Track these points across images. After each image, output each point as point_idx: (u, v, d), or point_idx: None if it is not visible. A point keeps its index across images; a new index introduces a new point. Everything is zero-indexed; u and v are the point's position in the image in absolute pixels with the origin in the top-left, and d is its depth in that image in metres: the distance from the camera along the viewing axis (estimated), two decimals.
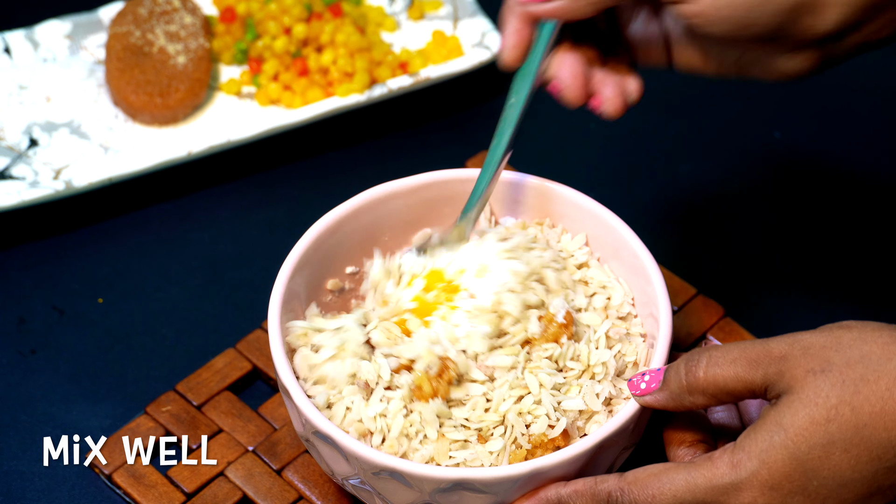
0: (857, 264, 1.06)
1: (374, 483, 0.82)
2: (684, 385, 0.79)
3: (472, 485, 0.80)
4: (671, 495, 0.76)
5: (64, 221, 1.09)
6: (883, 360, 0.74)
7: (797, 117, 1.16)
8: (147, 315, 1.04)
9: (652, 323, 0.87)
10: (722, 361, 0.78)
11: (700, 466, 0.76)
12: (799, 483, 0.74)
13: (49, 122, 1.12)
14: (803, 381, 0.74)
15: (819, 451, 0.73)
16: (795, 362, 0.75)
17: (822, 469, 0.73)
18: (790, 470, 0.74)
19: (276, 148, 1.13)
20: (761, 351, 0.77)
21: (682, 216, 1.10)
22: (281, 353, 0.85)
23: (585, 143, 1.15)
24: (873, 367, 0.73)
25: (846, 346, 0.75)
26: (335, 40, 1.14)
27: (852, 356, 0.74)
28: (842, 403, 0.73)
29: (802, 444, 0.73)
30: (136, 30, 1.13)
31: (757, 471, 0.74)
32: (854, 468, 0.73)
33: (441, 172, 0.93)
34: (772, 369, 0.76)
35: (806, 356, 0.75)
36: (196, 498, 0.92)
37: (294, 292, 0.89)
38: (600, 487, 0.79)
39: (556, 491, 0.80)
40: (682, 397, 0.79)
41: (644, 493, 0.77)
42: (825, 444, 0.73)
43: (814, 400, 0.74)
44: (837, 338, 0.75)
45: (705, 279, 1.04)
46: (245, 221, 1.10)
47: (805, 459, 0.73)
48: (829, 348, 0.75)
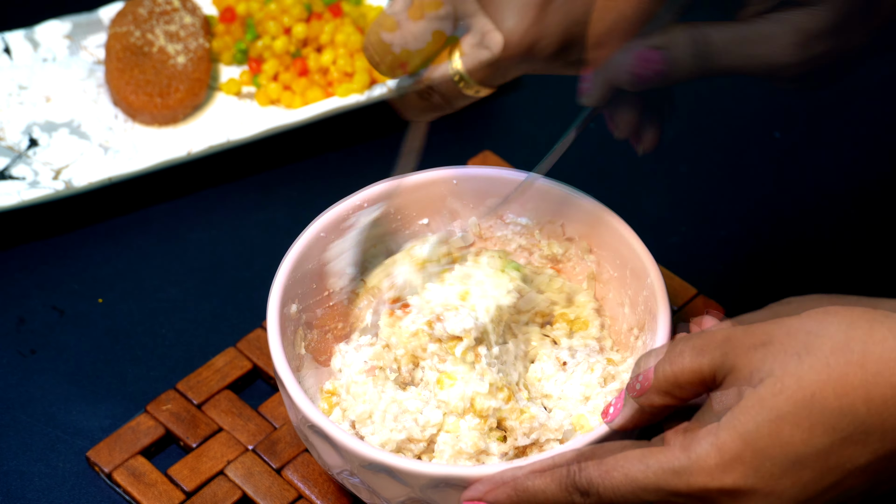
0: (857, 264, 1.06)
1: (365, 477, 0.83)
2: (637, 389, 0.77)
3: (461, 482, 0.80)
4: (623, 474, 0.74)
5: (64, 221, 1.09)
6: (823, 324, 0.71)
7: (797, 117, 1.16)
8: (147, 315, 1.04)
9: (651, 323, 0.87)
10: (670, 356, 0.75)
11: (654, 447, 0.74)
12: (750, 463, 0.71)
13: (49, 122, 1.12)
14: (745, 357, 0.72)
15: (767, 427, 0.70)
16: (737, 342, 0.73)
17: (772, 447, 0.70)
18: (740, 450, 0.71)
19: (276, 148, 1.13)
20: (705, 338, 0.74)
21: (682, 216, 1.10)
22: (278, 345, 0.85)
23: (585, 143, 1.15)
24: (814, 334, 0.71)
25: (786, 317, 0.72)
26: (335, 40, 1.14)
27: (792, 327, 0.71)
28: (786, 375, 0.70)
29: (749, 423, 0.71)
30: (135, 30, 1.13)
31: (707, 453, 0.72)
32: (807, 442, 0.70)
33: (449, 168, 0.93)
34: (717, 353, 0.73)
35: (747, 334, 0.73)
36: (196, 497, 0.92)
37: (294, 290, 0.89)
38: (558, 464, 0.77)
39: (512, 474, 0.79)
40: (640, 403, 0.77)
41: (599, 469, 0.75)
42: (773, 420, 0.70)
43: (756, 375, 0.71)
44: (777, 312, 0.73)
45: (705, 279, 1.03)
46: (245, 221, 1.10)
47: (754, 438, 0.71)
48: (771, 323, 0.72)
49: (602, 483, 0.75)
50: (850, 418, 0.70)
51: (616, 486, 0.75)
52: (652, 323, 0.87)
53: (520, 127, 1.16)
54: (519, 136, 1.15)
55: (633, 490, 0.74)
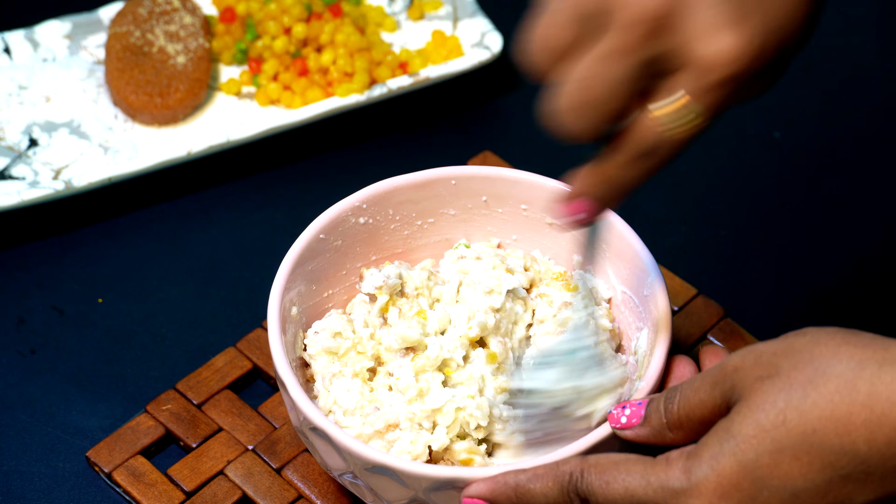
0: (857, 264, 1.06)
1: (366, 479, 0.83)
2: (664, 422, 0.77)
3: (465, 484, 0.80)
4: (624, 487, 0.74)
5: (64, 221, 1.09)
6: (833, 362, 0.70)
7: (797, 117, 1.16)
8: (147, 315, 1.04)
9: (652, 323, 0.87)
10: (689, 392, 0.76)
11: (657, 465, 0.74)
12: (748, 492, 0.71)
13: (49, 122, 1.12)
14: (751, 388, 0.72)
15: (767, 458, 0.70)
16: (746, 372, 0.73)
17: (771, 478, 0.71)
18: (739, 478, 0.71)
19: (276, 148, 1.13)
20: (718, 371, 0.74)
21: (682, 216, 1.10)
22: (279, 346, 0.85)
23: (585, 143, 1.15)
24: (822, 370, 0.70)
25: (797, 350, 0.72)
26: (335, 40, 1.14)
27: (801, 360, 0.71)
28: (789, 408, 0.70)
29: (750, 452, 0.71)
30: (135, 30, 1.13)
31: (706, 478, 0.72)
32: (805, 476, 0.70)
33: (449, 168, 0.93)
34: (727, 384, 0.74)
35: (757, 365, 0.73)
36: (196, 497, 0.92)
37: (294, 291, 0.89)
38: (561, 469, 0.77)
39: (514, 477, 0.79)
40: (663, 434, 0.77)
41: (601, 478, 0.75)
42: (773, 451, 0.70)
43: (761, 406, 0.71)
44: (790, 344, 0.73)
45: (705, 279, 1.03)
46: (244, 221, 1.10)
47: (754, 468, 0.71)
48: (780, 354, 0.72)
49: (602, 492, 0.75)
50: (850, 457, 0.70)
51: (615, 498, 0.75)
52: (652, 323, 0.87)
53: (520, 127, 1.16)
54: (519, 136, 1.15)
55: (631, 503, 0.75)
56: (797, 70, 1.19)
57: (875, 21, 1.23)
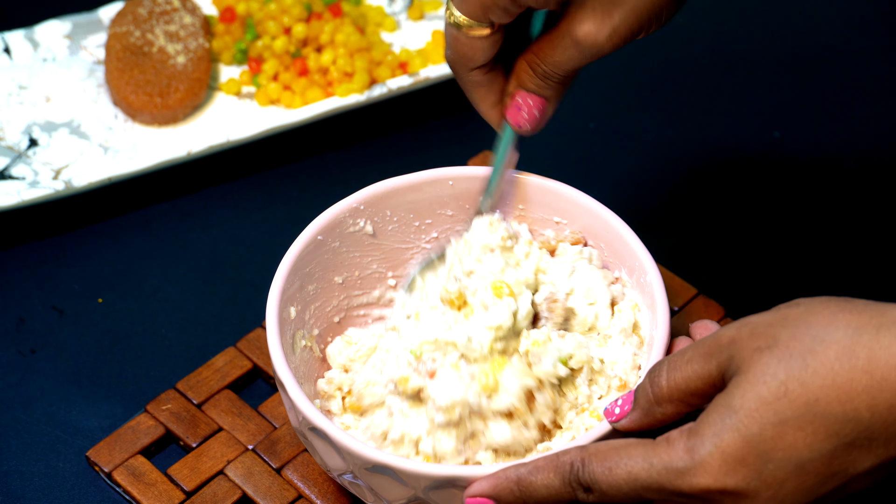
0: (857, 264, 1.06)
1: (367, 478, 0.83)
2: (651, 398, 0.77)
3: (465, 483, 0.80)
4: (626, 471, 0.74)
5: (64, 221, 1.09)
6: (830, 329, 0.70)
7: (797, 117, 1.16)
8: (147, 315, 1.04)
9: (651, 324, 0.87)
10: (679, 364, 0.75)
11: (658, 446, 0.74)
12: (754, 466, 0.71)
13: (49, 122, 1.12)
14: (750, 360, 0.72)
15: (771, 430, 0.70)
16: (743, 344, 0.72)
17: (776, 450, 0.70)
18: (743, 453, 0.71)
19: (276, 148, 1.13)
20: (712, 342, 0.74)
21: (682, 216, 1.10)
22: (278, 347, 0.85)
23: (585, 143, 1.15)
24: (820, 338, 0.70)
25: (793, 320, 0.72)
26: (335, 40, 1.14)
27: (798, 329, 0.71)
28: (790, 378, 0.70)
29: (753, 425, 0.71)
30: (135, 30, 1.13)
31: (710, 454, 0.72)
32: (810, 447, 0.70)
33: (446, 169, 0.93)
34: (723, 356, 0.73)
35: (753, 336, 0.72)
36: (196, 496, 0.92)
37: (292, 293, 0.89)
38: (562, 459, 0.77)
39: (515, 471, 0.78)
40: (652, 411, 0.77)
41: (602, 465, 0.75)
42: (777, 423, 0.70)
43: (761, 378, 0.71)
44: (785, 315, 0.73)
45: (705, 279, 1.03)
46: (245, 221, 1.10)
47: (758, 441, 0.70)
48: (776, 325, 0.72)
49: (605, 479, 0.75)
50: (853, 424, 0.70)
51: (619, 484, 0.74)
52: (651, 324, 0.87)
53: None
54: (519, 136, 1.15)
55: (636, 488, 0.74)
56: (797, 70, 1.20)
57: (875, 21, 1.23)
